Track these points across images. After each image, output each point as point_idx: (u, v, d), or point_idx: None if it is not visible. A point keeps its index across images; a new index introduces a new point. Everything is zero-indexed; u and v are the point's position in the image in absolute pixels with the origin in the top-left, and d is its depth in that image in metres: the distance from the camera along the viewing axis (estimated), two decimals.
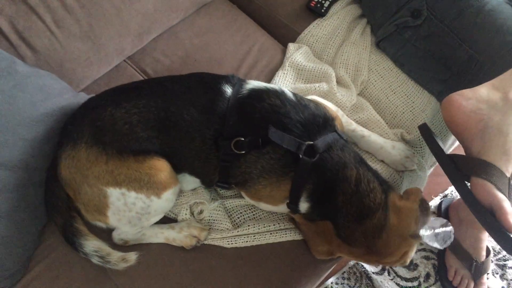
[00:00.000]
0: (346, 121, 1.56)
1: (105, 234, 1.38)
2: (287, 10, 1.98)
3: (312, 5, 1.92)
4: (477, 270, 1.89)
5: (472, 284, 1.92)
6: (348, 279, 2.03)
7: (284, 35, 1.95)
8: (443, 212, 2.11)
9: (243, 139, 1.28)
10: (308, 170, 1.26)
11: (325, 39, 1.87)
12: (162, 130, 1.30)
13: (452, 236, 1.33)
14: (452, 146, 1.85)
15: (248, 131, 1.30)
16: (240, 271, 1.40)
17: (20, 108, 1.27)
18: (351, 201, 1.23)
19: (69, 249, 1.35)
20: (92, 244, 1.32)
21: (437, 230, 1.37)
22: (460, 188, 1.31)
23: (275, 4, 1.99)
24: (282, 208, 1.37)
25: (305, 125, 1.29)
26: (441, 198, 2.26)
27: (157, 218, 1.40)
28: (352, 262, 2.07)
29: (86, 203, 1.31)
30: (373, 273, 2.03)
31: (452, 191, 2.30)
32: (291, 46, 1.86)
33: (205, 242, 1.41)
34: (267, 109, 1.30)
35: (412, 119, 1.69)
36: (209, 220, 1.46)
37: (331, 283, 2.02)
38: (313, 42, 1.88)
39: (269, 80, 1.77)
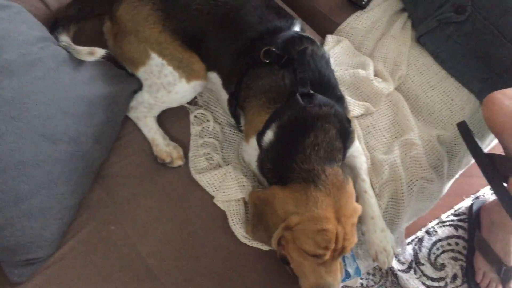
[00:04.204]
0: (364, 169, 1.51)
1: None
2: (327, 1, 1.96)
3: None
4: (506, 274, 1.86)
5: None
6: (373, 275, 2.02)
7: (323, 26, 1.93)
8: (474, 214, 2.08)
9: (274, 49, 1.36)
10: (294, 108, 1.30)
11: (364, 32, 1.85)
12: (220, 27, 1.43)
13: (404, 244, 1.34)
14: (488, 146, 1.82)
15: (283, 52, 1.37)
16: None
17: (66, 83, 1.31)
18: (321, 143, 1.25)
19: (103, 225, 1.38)
20: (65, 39, 1.44)
21: None
22: (496, 188, 1.30)
23: None
24: (253, 147, 1.41)
25: (322, 83, 1.36)
26: (473, 200, 2.23)
27: (169, 104, 1.54)
28: None
29: (124, 49, 1.48)
30: (399, 270, 2.02)
31: (484, 193, 2.26)
32: (329, 37, 1.85)
33: (244, 241, 1.41)
34: (308, 50, 1.38)
35: (449, 117, 1.67)
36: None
37: None
38: (352, 34, 1.86)
39: None
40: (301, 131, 1.27)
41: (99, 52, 1.40)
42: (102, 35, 1.57)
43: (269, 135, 1.32)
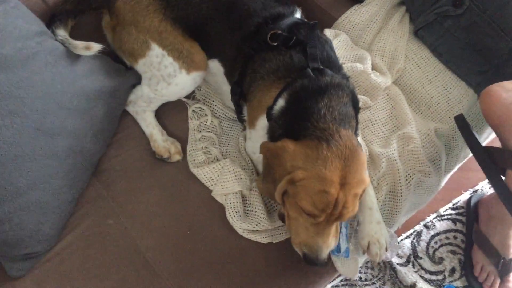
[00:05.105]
0: None
1: None
2: None
3: None
4: (504, 267, 1.86)
5: (498, 281, 1.89)
6: (372, 268, 2.03)
7: (320, 20, 1.89)
8: (472, 208, 2.08)
9: (281, 32, 1.37)
10: (305, 78, 1.30)
11: (362, 26, 1.84)
12: (224, 14, 1.44)
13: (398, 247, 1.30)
14: (486, 140, 1.82)
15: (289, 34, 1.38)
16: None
17: (63, 77, 1.31)
18: (335, 106, 1.25)
19: (101, 219, 1.39)
20: (62, 33, 1.43)
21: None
22: (494, 181, 1.30)
23: None
24: (260, 129, 1.41)
25: (330, 62, 1.38)
26: (471, 193, 2.23)
27: (168, 97, 1.54)
28: None
29: (123, 41, 1.48)
30: (398, 264, 2.02)
31: (482, 187, 2.26)
32: (327, 31, 1.84)
33: (243, 234, 1.41)
34: (313, 35, 1.38)
35: (447, 110, 1.66)
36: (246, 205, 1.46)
37: None
38: (350, 28, 1.85)
39: None
40: (314, 95, 1.26)
41: (95, 47, 1.40)
42: (101, 29, 1.57)
43: (280, 103, 1.31)
